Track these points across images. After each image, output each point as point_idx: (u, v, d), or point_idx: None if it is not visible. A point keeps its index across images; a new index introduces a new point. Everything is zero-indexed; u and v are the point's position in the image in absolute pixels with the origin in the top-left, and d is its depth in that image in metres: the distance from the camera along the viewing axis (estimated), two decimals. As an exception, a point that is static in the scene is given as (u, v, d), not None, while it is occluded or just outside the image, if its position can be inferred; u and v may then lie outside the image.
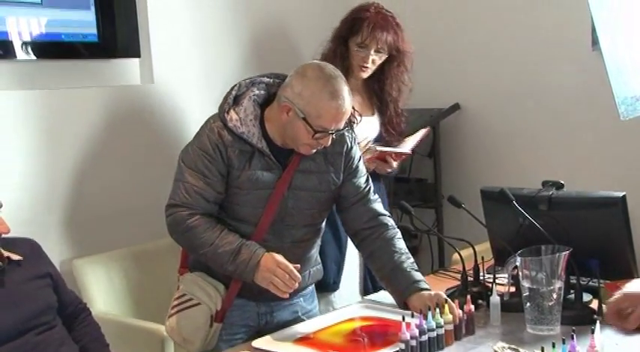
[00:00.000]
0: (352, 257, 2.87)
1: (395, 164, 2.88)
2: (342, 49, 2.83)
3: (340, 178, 2.21)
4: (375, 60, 2.80)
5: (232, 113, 2.09)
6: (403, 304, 2.12)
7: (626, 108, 2.54)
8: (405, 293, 2.11)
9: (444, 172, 3.66)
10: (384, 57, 2.82)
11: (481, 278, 2.25)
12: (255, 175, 2.10)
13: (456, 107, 3.63)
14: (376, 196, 2.28)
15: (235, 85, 2.15)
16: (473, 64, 3.59)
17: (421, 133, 2.97)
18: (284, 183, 2.12)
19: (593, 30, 2.85)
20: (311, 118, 2.02)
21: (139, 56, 2.97)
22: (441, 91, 3.64)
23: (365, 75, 2.84)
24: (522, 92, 3.46)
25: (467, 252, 2.26)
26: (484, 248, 2.37)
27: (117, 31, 2.88)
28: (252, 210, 2.12)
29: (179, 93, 3.11)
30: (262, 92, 2.14)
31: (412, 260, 2.19)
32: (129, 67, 2.99)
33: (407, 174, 3.65)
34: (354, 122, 2.72)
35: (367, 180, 2.27)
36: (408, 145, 2.90)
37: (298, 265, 2.05)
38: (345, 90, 2.05)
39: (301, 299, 2.29)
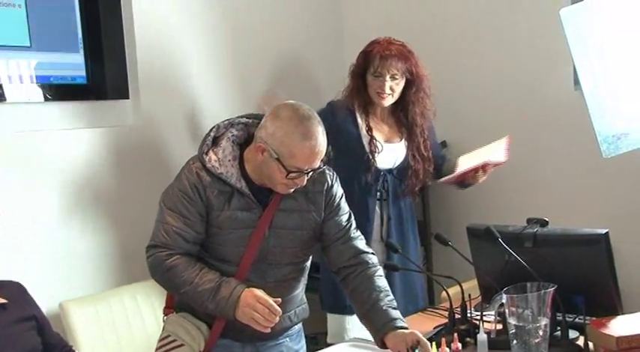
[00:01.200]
0: None
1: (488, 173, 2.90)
2: (359, 83, 2.92)
3: (322, 216, 2.22)
4: (392, 87, 2.87)
5: (211, 154, 2.11)
6: (381, 342, 2.12)
7: (607, 146, 2.57)
8: (380, 331, 2.11)
9: (432, 210, 3.66)
10: (401, 83, 2.89)
11: (468, 315, 2.26)
12: (235, 215, 2.11)
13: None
14: (358, 233, 2.29)
15: (214, 127, 2.17)
16: (460, 102, 3.60)
17: (505, 140, 2.94)
18: (265, 222, 2.13)
19: (575, 68, 2.89)
20: (284, 159, 2.04)
21: (127, 97, 2.99)
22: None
23: (385, 102, 2.89)
24: (508, 130, 3.43)
25: (456, 290, 2.26)
26: (472, 285, 2.38)
27: (106, 73, 2.90)
28: (234, 249, 2.13)
29: (169, 134, 3.13)
30: (241, 132, 2.17)
31: (391, 297, 2.19)
32: (118, 109, 3.01)
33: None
34: (374, 152, 2.83)
35: (349, 218, 2.28)
36: (500, 154, 2.88)
37: (279, 299, 2.06)
38: (318, 130, 2.06)
39: (287, 339, 2.29)
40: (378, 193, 2.93)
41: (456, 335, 2.03)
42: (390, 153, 2.93)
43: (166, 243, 2.09)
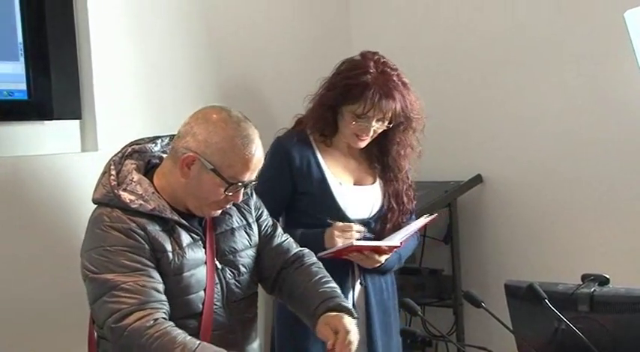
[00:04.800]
0: None
1: (383, 258, 2.81)
2: (330, 114, 2.84)
3: (256, 224, 2.39)
4: (376, 129, 2.81)
5: (126, 194, 2.16)
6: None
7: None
8: (314, 319, 2.25)
9: (463, 261, 3.66)
10: (386, 125, 2.82)
11: (507, 399, 2.21)
12: (188, 252, 2.18)
13: (477, 179, 3.65)
14: (286, 235, 2.46)
15: (108, 165, 2.24)
16: (498, 128, 3.62)
17: (421, 222, 2.89)
18: (211, 251, 2.21)
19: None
20: (221, 169, 2.13)
21: (79, 118, 2.98)
22: (460, 160, 3.65)
23: (362, 144, 2.84)
24: (559, 163, 3.50)
25: None
26: None
27: (52, 86, 2.87)
28: (195, 296, 2.19)
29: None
30: (140, 162, 2.25)
31: (331, 283, 2.34)
32: (67, 131, 2.99)
33: (417, 263, 3.63)
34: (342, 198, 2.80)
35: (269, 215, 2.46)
36: (398, 236, 2.82)
37: None
38: (257, 134, 2.18)
39: None
40: None
41: None
42: (363, 199, 2.86)
43: (142, 303, 2.06)
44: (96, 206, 2.23)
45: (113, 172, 2.20)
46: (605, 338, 2.06)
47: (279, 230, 2.45)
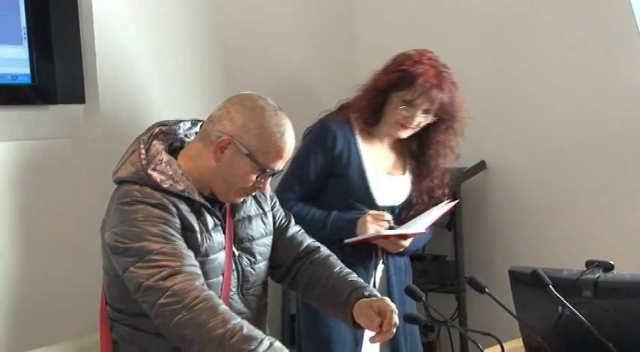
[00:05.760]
0: None
1: (407, 242, 2.93)
2: (380, 98, 2.91)
3: (272, 213, 2.41)
4: (420, 122, 2.88)
5: (156, 174, 2.15)
6: (352, 323, 2.27)
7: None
8: (348, 306, 2.26)
9: (466, 247, 3.66)
10: (430, 119, 2.90)
11: (511, 384, 2.22)
12: (214, 236, 2.20)
13: (481, 166, 3.65)
14: (298, 227, 2.49)
15: (138, 144, 2.21)
16: (502, 114, 3.62)
17: (443, 209, 2.98)
18: (229, 237, 2.23)
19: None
20: (257, 154, 2.14)
21: (83, 102, 2.99)
22: (463, 147, 3.62)
23: (404, 135, 2.92)
24: (563, 149, 3.50)
25: (495, 350, 2.24)
26: (517, 345, 2.37)
27: (56, 70, 2.88)
28: (215, 280, 2.19)
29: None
30: (165, 143, 2.24)
31: (354, 274, 2.37)
32: (70, 116, 3.00)
33: (421, 249, 3.62)
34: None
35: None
36: (423, 222, 2.92)
37: None
38: (290, 124, 2.21)
39: None
40: None
41: (494, 409, 1.99)
42: (394, 188, 2.97)
43: (184, 266, 2.05)
44: (117, 185, 2.21)
45: (143, 151, 2.19)
46: (608, 324, 2.05)
47: (293, 221, 2.47)
